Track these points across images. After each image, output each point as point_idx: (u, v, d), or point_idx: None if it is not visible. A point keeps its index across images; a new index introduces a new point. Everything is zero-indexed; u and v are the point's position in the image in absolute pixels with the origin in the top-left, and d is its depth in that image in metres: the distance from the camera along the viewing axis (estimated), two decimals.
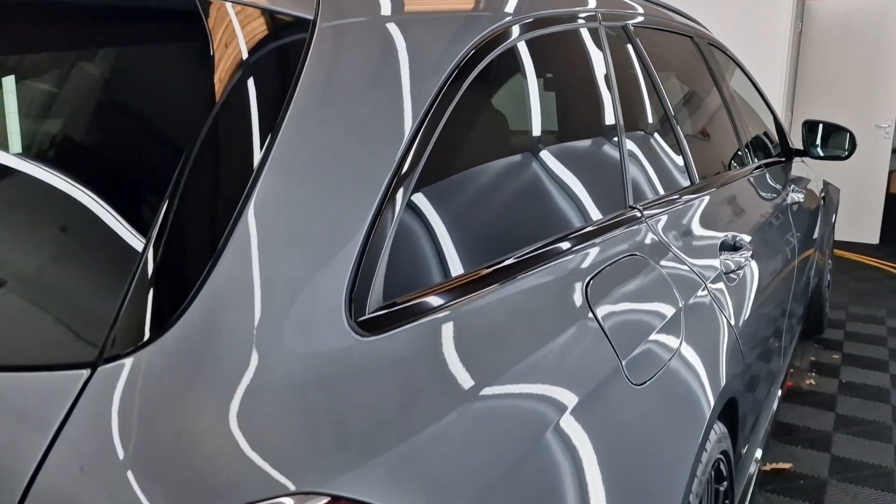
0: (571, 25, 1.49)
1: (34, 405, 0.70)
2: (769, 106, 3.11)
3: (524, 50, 1.30)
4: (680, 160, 1.89)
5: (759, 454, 2.24)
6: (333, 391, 0.79)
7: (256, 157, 0.84)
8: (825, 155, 3.07)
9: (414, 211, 0.98)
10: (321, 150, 0.89)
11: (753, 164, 2.55)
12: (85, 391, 0.70)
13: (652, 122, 1.80)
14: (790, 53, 5.79)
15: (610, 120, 1.55)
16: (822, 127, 3.04)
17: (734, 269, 1.77)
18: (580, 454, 1.02)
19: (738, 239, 1.85)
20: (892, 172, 6.83)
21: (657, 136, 1.81)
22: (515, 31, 1.26)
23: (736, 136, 2.46)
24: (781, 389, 2.73)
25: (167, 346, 0.73)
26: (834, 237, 4.40)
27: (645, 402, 1.22)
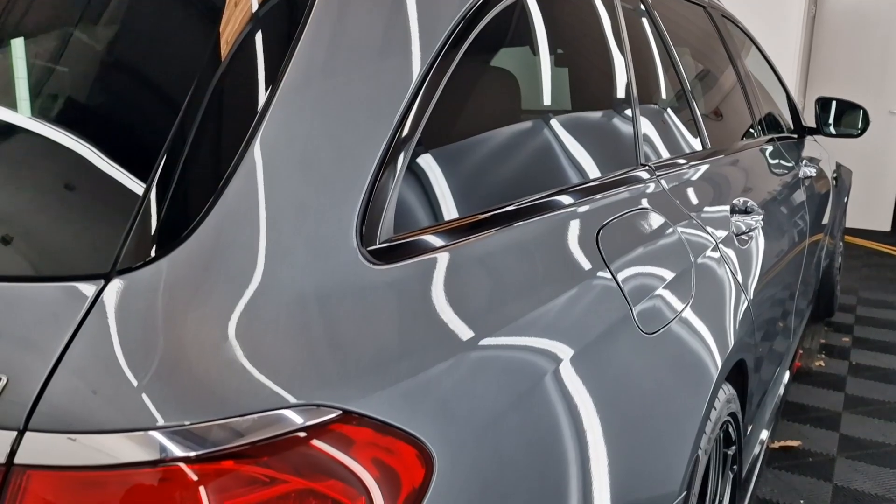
0: None
1: (49, 313, 0.70)
2: (782, 83, 3.09)
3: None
4: (692, 125, 1.88)
5: (765, 435, 2.23)
6: (344, 313, 0.79)
7: (268, 86, 0.85)
8: (838, 133, 3.05)
9: (426, 150, 0.97)
10: (332, 84, 0.89)
11: (766, 137, 2.54)
12: (98, 301, 0.70)
13: (664, 85, 1.79)
14: (803, 38, 5.75)
15: (622, 78, 1.54)
16: (835, 104, 3.02)
17: (745, 231, 1.76)
18: (590, 392, 1.02)
19: (749, 204, 1.84)
20: None
21: (669, 99, 1.80)
22: None
23: (749, 108, 2.44)
24: (790, 370, 2.73)
25: (179, 260, 0.74)
26: (845, 221, 4.38)
27: (655, 351, 1.22)
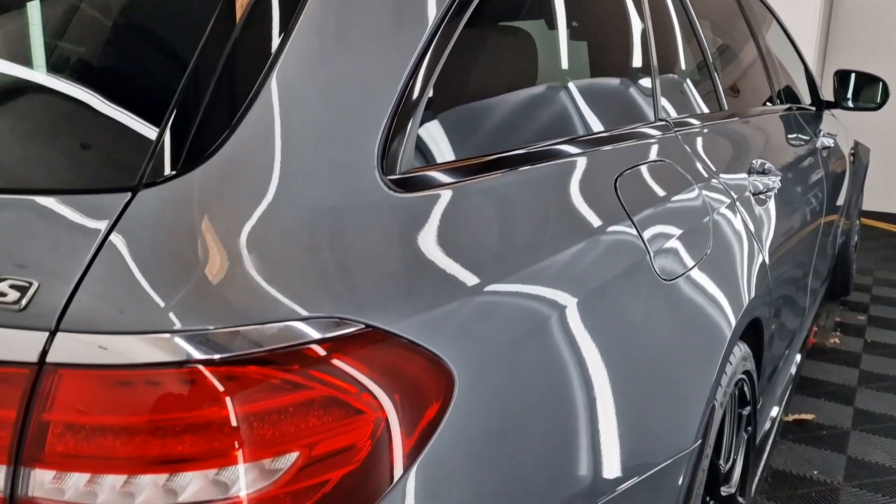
0: None
1: (79, 224, 0.72)
2: (801, 56, 3.06)
3: None
4: (710, 89, 1.88)
5: (776, 411, 2.23)
6: (366, 235, 0.80)
7: (290, 17, 0.86)
8: (856, 106, 3.02)
9: (447, 86, 0.98)
10: (353, 15, 0.90)
11: (784, 106, 2.52)
12: (125, 212, 0.72)
13: (683, 47, 1.78)
14: (822, 10, 5.68)
15: (641, 37, 1.54)
16: (854, 77, 2.99)
17: (763, 191, 1.76)
18: (608, 330, 1.03)
19: (766, 166, 1.84)
20: None
21: (688, 62, 1.80)
22: None
23: (767, 79, 2.43)
24: (805, 345, 2.72)
25: (203, 175, 0.75)
26: (862, 200, 4.35)
27: (672, 298, 1.22)
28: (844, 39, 6.20)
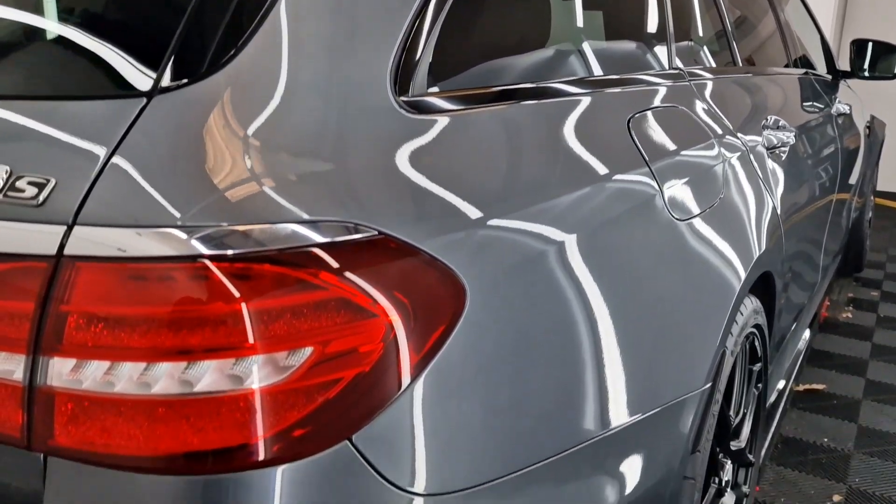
0: None
1: (96, 126, 0.73)
2: (817, 26, 3.04)
3: None
4: (725, 45, 1.87)
5: (784, 385, 2.22)
6: (379, 149, 0.81)
7: None
8: (872, 76, 3.00)
9: (462, 12, 0.98)
10: None
11: (801, 70, 2.51)
12: (142, 115, 0.73)
13: (700, 1, 1.77)
14: None
15: None
16: (871, 46, 2.96)
17: (777, 145, 1.75)
18: (620, 261, 1.04)
19: (781, 123, 1.83)
20: None
21: (704, 15, 1.79)
22: None
23: (783, 43, 2.41)
24: (817, 318, 2.70)
25: (216, 83, 0.76)
26: (877, 176, 4.31)
27: (685, 237, 1.22)
28: (863, 8, 6.12)
